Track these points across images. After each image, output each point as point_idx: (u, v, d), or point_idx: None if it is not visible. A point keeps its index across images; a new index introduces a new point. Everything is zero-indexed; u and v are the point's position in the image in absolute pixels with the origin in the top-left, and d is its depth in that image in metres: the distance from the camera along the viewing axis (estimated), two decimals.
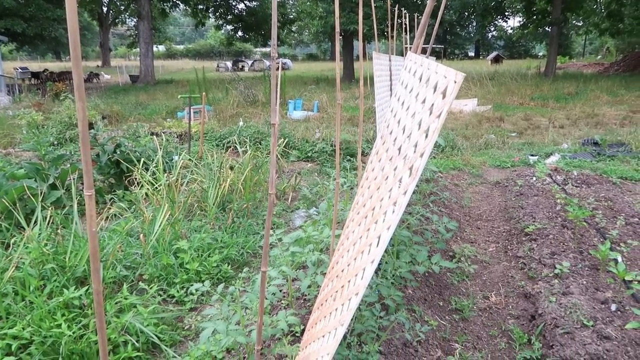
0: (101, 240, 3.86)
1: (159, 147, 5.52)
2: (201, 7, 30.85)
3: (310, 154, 8.52)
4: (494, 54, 44.10)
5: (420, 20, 2.12)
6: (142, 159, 5.45)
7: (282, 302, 3.24)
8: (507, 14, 40.89)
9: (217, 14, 31.91)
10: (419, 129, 1.36)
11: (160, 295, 3.59)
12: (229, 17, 32.06)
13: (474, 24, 57.24)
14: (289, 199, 6.05)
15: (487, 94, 17.35)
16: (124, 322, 2.90)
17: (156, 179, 4.97)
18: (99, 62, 49.66)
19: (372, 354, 2.37)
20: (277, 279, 2.72)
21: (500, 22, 50.24)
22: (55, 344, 2.74)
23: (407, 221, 3.85)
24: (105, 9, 41.00)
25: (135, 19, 31.88)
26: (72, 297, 2.97)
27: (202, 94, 8.04)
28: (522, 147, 9.37)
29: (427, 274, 3.90)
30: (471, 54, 65.76)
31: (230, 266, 4.11)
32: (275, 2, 1.54)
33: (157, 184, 4.84)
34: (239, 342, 2.24)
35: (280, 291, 3.20)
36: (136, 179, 5.10)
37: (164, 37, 53.48)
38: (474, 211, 5.86)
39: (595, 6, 28.33)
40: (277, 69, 3.17)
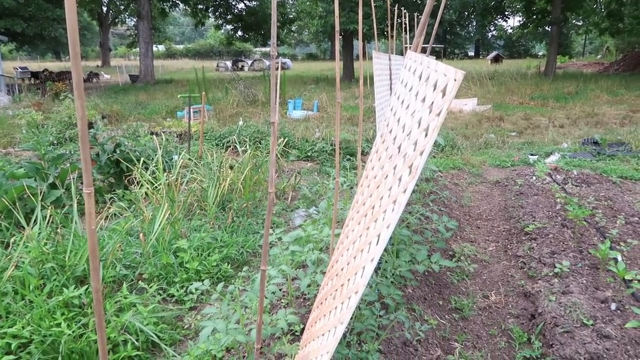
0: (101, 239, 3.86)
1: (159, 146, 5.52)
2: (201, 6, 30.82)
3: (310, 154, 8.52)
4: (493, 54, 44.09)
5: (420, 19, 2.12)
6: (142, 159, 5.45)
7: (282, 301, 3.24)
8: (507, 13, 40.90)
9: (217, 14, 31.88)
10: (419, 127, 1.36)
11: (160, 294, 3.59)
12: (229, 16, 32.04)
13: (474, 23, 57.27)
14: (289, 198, 6.05)
15: (487, 94, 17.34)
16: (124, 321, 2.90)
17: (156, 178, 4.97)
18: (99, 62, 49.67)
19: (372, 353, 2.37)
20: (276, 278, 2.72)
21: (500, 22, 50.25)
22: (54, 343, 2.74)
23: (407, 220, 3.85)
24: (105, 9, 41.00)
25: (135, 19, 31.89)
26: (72, 296, 2.97)
27: (202, 94, 8.04)
28: (522, 146, 9.36)
29: (427, 273, 3.90)
30: (471, 53, 65.75)
31: (230, 265, 4.12)
32: (274, 1, 1.54)
33: (156, 183, 4.84)
34: (239, 341, 2.24)
35: (280, 290, 3.19)
36: (136, 178, 5.10)
37: (163, 36, 53.46)
38: (474, 210, 5.86)
39: (595, 6, 28.33)
40: (277, 67, 3.17)
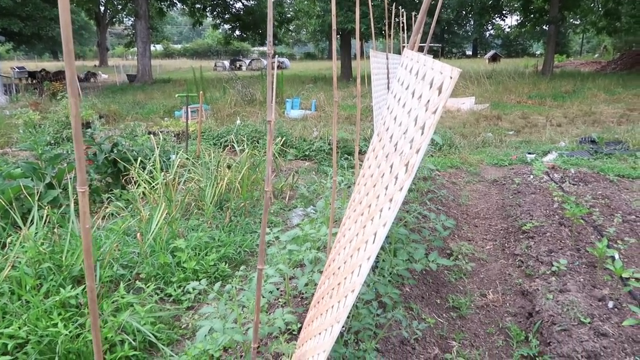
0: (98, 239, 3.85)
1: (156, 146, 5.51)
2: (198, 6, 30.76)
3: (307, 153, 8.52)
4: (491, 53, 44.14)
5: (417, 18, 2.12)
6: (140, 158, 5.44)
7: (280, 301, 3.23)
8: (504, 12, 40.86)
9: (215, 13, 31.82)
10: (415, 125, 1.35)
11: (157, 294, 3.58)
12: (227, 16, 31.97)
13: (472, 22, 57.27)
14: (287, 198, 6.04)
15: (484, 93, 17.35)
16: (121, 321, 2.89)
17: (153, 177, 4.96)
18: (97, 62, 49.58)
19: (369, 352, 2.37)
20: (274, 277, 2.72)
21: (497, 21, 50.31)
22: (51, 343, 2.73)
23: (405, 219, 3.85)
24: (102, 8, 40.91)
25: (132, 18, 31.85)
26: (69, 296, 2.96)
27: (200, 93, 8.03)
28: (520, 145, 9.37)
29: (424, 272, 3.90)
30: (469, 52, 65.81)
31: (227, 265, 4.11)
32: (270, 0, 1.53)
33: (154, 183, 4.84)
34: (236, 340, 2.23)
35: (277, 289, 3.19)
36: (133, 178, 5.09)
37: (161, 36, 53.42)
38: (472, 209, 5.87)
39: (592, 4, 28.36)
40: (273, 66, 3.17)
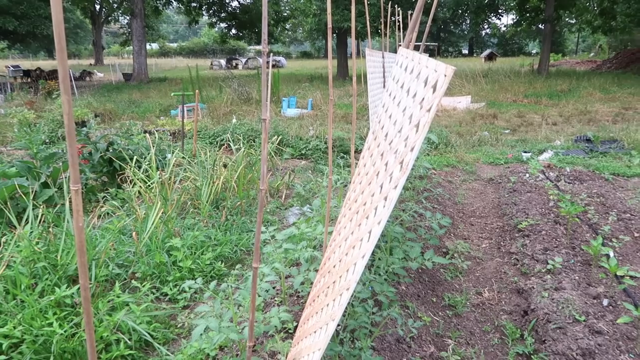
0: (93, 238, 3.84)
1: (152, 145, 5.49)
2: (194, 4, 30.64)
3: (304, 152, 8.51)
4: (487, 52, 44.25)
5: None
6: (135, 157, 5.42)
7: (276, 299, 3.23)
8: (500, 11, 40.96)
9: (211, 12, 31.71)
10: (410, 123, 1.35)
11: (153, 293, 3.57)
12: (223, 14, 31.87)
13: (468, 21, 57.39)
14: (283, 197, 6.04)
15: (480, 92, 17.38)
16: (116, 320, 2.89)
17: (149, 176, 4.95)
18: (92, 61, 49.42)
19: (365, 350, 2.37)
20: (270, 276, 2.71)
21: (493, 20, 50.35)
22: (46, 342, 2.72)
23: (401, 217, 3.86)
24: (98, 7, 40.74)
25: (128, 17, 31.69)
26: (64, 295, 2.95)
27: (196, 92, 8.01)
28: (516, 144, 9.39)
29: (420, 270, 3.91)
30: (465, 51, 65.96)
31: (223, 264, 4.10)
32: None
33: (150, 182, 4.82)
34: (232, 339, 2.23)
35: (273, 288, 3.19)
36: (129, 177, 5.07)
37: (157, 35, 53.24)
38: (468, 208, 5.88)
39: (588, 3, 28.43)
40: (268, 62, 3.16)
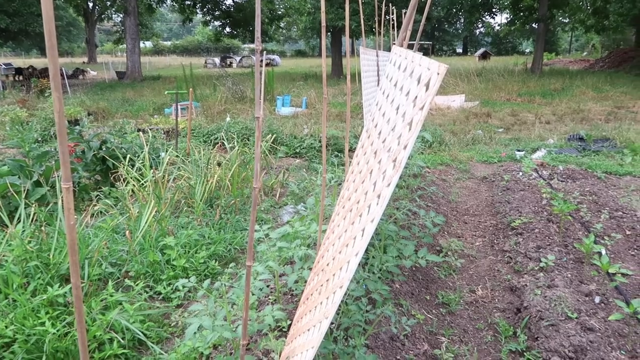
0: (86, 237, 3.82)
1: (146, 143, 5.47)
2: (188, 2, 30.50)
3: (298, 150, 8.51)
4: (481, 51, 44.35)
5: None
6: (129, 156, 5.40)
7: (270, 298, 3.23)
8: (494, 10, 41.05)
9: (205, 10, 31.57)
10: (403, 121, 1.36)
11: (146, 292, 3.56)
12: (217, 12, 31.74)
13: (462, 20, 57.46)
14: (277, 195, 6.03)
15: (474, 90, 17.44)
16: (109, 319, 2.87)
17: (143, 175, 4.93)
18: (85, 59, 49.06)
19: (359, 348, 2.38)
20: (264, 274, 2.71)
21: (487, 19, 50.50)
22: (39, 342, 2.70)
23: (394, 216, 3.86)
24: (91, 5, 40.46)
25: (121, 15, 31.49)
26: (56, 294, 2.94)
27: (190, 90, 7.97)
28: (509, 142, 9.44)
29: (414, 268, 3.92)
30: (459, 50, 66.09)
31: (217, 262, 4.09)
32: None
33: (143, 180, 4.80)
34: (225, 337, 2.23)
35: (267, 286, 3.18)
36: (122, 175, 5.05)
37: (150, 33, 52.98)
38: (461, 206, 5.90)
39: (581, 3, 28.58)
40: (262, 61, 3.16)
